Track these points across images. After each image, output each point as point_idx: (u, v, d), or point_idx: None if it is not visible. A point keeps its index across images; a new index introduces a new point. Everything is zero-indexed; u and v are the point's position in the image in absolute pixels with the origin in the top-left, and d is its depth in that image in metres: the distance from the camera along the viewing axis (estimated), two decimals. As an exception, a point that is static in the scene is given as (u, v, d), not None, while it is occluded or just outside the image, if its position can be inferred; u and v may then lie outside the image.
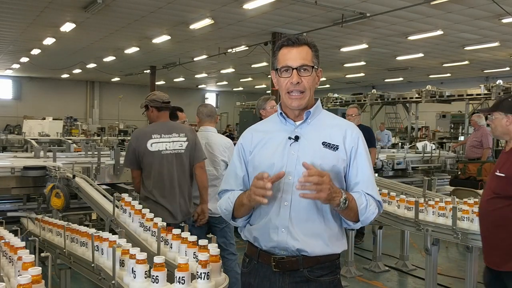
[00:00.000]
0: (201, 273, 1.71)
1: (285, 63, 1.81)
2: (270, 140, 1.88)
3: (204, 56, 18.01)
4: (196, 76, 24.01)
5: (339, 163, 1.80)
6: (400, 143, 13.19)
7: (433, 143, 13.07)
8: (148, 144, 3.57)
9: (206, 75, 24.04)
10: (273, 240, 1.79)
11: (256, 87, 28.45)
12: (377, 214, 1.84)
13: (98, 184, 4.13)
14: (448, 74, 21.55)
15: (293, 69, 1.79)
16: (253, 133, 1.96)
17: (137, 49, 16.99)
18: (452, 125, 16.74)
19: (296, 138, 1.83)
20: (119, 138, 14.49)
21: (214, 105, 4.30)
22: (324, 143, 1.81)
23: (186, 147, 3.67)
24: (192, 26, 12.88)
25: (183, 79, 25.74)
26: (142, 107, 3.80)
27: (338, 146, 1.81)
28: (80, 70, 23.11)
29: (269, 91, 16.17)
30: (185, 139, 3.68)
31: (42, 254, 2.71)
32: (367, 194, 1.81)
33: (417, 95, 14.24)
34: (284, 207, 1.78)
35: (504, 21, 11.40)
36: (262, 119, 3.72)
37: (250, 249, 1.91)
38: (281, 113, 1.91)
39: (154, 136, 3.60)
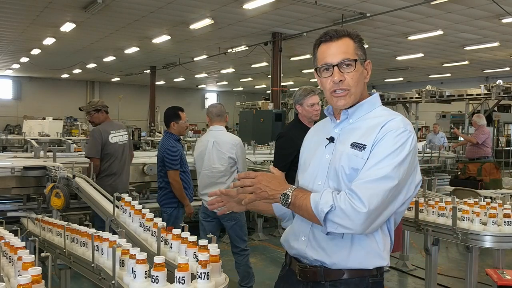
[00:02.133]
0: (201, 273, 1.71)
1: (324, 61, 1.63)
2: (318, 139, 1.76)
3: (204, 56, 18.01)
4: (196, 76, 24.01)
5: (360, 164, 1.54)
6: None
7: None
8: (110, 137, 4.80)
9: (206, 75, 24.04)
10: (293, 247, 1.70)
11: (256, 87, 28.46)
12: (355, 223, 1.44)
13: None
14: (448, 74, 21.56)
15: (333, 66, 1.61)
16: (311, 131, 1.91)
17: (137, 49, 17.00)
18: (452, 125, 16.74)
19: (331, 139, 1.68)
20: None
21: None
22: (352, 144, 1.58)
23: (127, 139, 5.06)
24: (192, 26, 12.89)
25: (183, 79, 25.74)
26: (88, 111, 4.88)
27: (365, 145, 1.55)
28: (80, 70, 23.12)
29: (269, 91, 16.12)
30: (126, 133, 5.05)
31: (42, 254, 2.71)
32: (350, 190, 1.47)
33: (417, 95, 14.22)
34: None
35: (504, 21, 11.41)
36: (298, 115, 3.58)
37: (286, 254, 1.80)
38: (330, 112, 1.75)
39: (112, 132, 4.85)
